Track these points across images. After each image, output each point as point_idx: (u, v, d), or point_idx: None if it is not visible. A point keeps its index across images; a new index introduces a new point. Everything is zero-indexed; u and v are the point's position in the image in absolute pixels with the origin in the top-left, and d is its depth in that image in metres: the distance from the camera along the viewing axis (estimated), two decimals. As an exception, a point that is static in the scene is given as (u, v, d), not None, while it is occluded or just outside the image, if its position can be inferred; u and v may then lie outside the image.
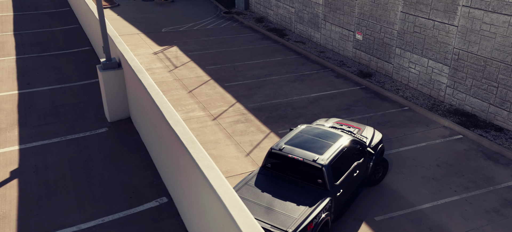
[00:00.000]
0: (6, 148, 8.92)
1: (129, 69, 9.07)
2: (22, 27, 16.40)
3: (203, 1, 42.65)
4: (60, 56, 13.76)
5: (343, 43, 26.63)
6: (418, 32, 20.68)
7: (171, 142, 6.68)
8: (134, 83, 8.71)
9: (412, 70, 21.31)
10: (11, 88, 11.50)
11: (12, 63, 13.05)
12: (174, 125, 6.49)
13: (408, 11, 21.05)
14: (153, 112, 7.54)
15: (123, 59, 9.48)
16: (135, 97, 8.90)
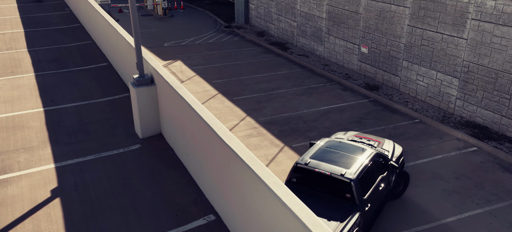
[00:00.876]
0: (42, 166, 8.88)
1: (164, 85, 9.09)
2: (36, 44, 16.37)
3: (202, 15, 42.78)
4: (79, 72, 13.74)
5: (348, 56, 26.82)
6: (425, 45, 20.90)
7: (223, 158, 6.69)
8: (171, 99, 8.73)
9: (420, 82, 21.50)
10: (35, 105, 11.45)
11: (32, 80, 13.01)
12: (229, 141, 6.51)
13: (415, 25, 21.29)
14: (197, 129, 7.55)
15: (156, 75, 9.51)
16: (171, 113, 8.91)
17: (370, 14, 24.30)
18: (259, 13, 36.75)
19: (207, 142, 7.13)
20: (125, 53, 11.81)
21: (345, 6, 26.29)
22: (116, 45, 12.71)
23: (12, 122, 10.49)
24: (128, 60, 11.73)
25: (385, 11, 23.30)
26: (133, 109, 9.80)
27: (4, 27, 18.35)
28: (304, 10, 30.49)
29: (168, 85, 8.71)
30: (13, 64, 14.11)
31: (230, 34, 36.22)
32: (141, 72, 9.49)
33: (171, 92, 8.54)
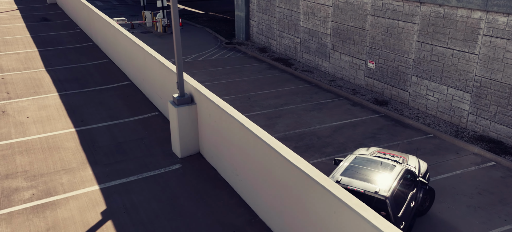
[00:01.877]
0: (86, 188, 8.84)
1: (207, 104, 9.11)
2: (52, 63, 16.32)
3: (201, 32, 42.92)
4: (102, 91, 13.72)
5: (354, 71, 27.03)
6: (435, 61, 21.15)
7: (287, 179, 6.70)
8: (217, 118, 8.74)
9: (430, 97, 21.71)
10: (66, 125, 11.40)
11: (56, 100, 12.96)
12: (296, 161, 6.54)
13: (425, 41, 21.55)
14: (252, 148, 7.57)
15: (196, 94, 9.53)
16: (216, 132, 8.92)
17: (377, 30, 24.56)
18: (260, 30, 36.96)
19: (265, 162, 7.14)
20: (155, 72, 11.83)
21: (350, 23, 26.55)
22: (143, 64, 12.72)
23: (46, 143, 10.43)
24: (157, 79, 11.74)
25: (392, 27, 23.56)
26: (172, 129, 9.80)
27: (18, 47, 18.27)
28: (307, 26, 30.73)
29: (213, 104, 8.73)
30: (35, 84, 14.05)
31: (232, 51, 36.35)
32: (181, 92, 9.51)
33: (217, 111, 8.56)
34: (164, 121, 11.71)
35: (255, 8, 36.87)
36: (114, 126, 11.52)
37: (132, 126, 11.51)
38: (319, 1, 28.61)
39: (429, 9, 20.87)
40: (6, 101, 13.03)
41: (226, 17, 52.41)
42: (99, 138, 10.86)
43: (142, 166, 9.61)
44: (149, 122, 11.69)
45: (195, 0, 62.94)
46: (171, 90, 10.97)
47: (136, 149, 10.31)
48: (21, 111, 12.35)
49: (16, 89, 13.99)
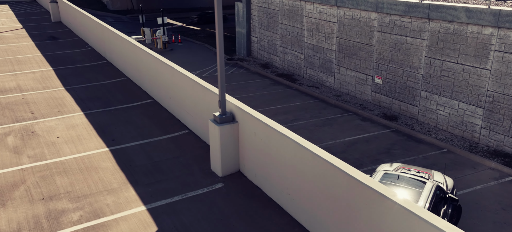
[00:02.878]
0: (133, 209, 8.80)
1: (252, 122, 9.13)
2: (70, 82, 16.27)
3: (201, 48, 43.03)
4: (127, 110, 13.70)
5: (361, 87, 27.23)
6: (446, 76, 21.40)
7: (354, 199, 6.71)
8: (264, 136, 8.77)
9: (440, 112, 21.93)
10: (98, 145, 11.36)
11: (83, 119, 12.91)
12: (366, 181, 6.57)
13: (434, 56, 21.81)
14: (309, 167, 7.61)
15: (238, 112, 9.57)
16: (262, 151, 8.93)
17: (384, 46, 24.81)
18: (262, 46, 37.14)
19: (327, 181, 7.17)
20: (185, 90, 11.86)
21: (357, 39, 26.80)
22: (170, 81, 12.74)
23: (82, 163, 10.38)
24: (188, 97, 11.77)
25: (400, 43, 23.83)
26: (213, 147, 9.81)
27: (32, 66, 18.20)
28: (312, 42, 30.96)
29: (259, 123, 8.77)
30: (57, 104, 14.00)
31: (234, 67, 36.45)
32: (223, 110, 9.55)
33: (265, 130, 8.59)
34: (196, 139, 11.72)
35: (256, 25, 37.09)
36: (146, 144, 11.50)
37: (164, 144, 11.50)
38: (323, 18, 28.87)
39: (438, 25, 21.17)
40: (33, 121, 12.95)
41: (225, 33, 52.56)
42: (134, 157, 10.83)
43: (183, 185, 9.59)
44: (180, 140, 11.69)
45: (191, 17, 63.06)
46: (204, 108, 11.00)
47: (174, 168, 10.29)
48: (50, 131, 12.29)
49: (39, 108, 13.91)
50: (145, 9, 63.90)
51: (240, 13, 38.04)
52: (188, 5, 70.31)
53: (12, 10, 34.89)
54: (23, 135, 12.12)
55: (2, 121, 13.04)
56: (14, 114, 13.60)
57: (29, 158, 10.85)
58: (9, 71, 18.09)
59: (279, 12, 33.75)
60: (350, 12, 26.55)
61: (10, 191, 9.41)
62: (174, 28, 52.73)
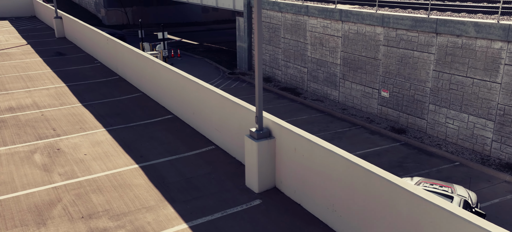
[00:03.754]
0: (176, 227, 8.76)
1: (292, 137, 9.17)
2: (86, 98, 16.22)
3: (201, 62, 43.09)
4: (149, 126, 13.68)
5: (366, 100, 27.38)
6: (454, 89, 21.61)
7: (420, 217, 6.66)
8: (305, 152, 8.80)
9: (450, 125, 22.10)
10: (127, 162, 11.32)
11: (106, 136, 12.87)
12: (431, 198, 6.57)
13: (442, 70, 22.04)
14: (360, 183, 7.63)
15: (275, 127, 9.61)
16: (305, 166, 8.96)
17: (390, 60, 25.02)
18: (263, 60, 37.26)
19: (383, 198, 7.18)
20: (212, 105, 11.88)
21: (362, 53, 27.00)
22: (195, 97, 12.75)
23: (115, 180, 10.33)
24: (216, 112, 11.79)
25: (407, 57, 24.05)
26: (249, 163, 9.82)
27: (44, 82, 18.12)
28: (315, 56, 31.13)
29: (301, 138, 8.80)
30: (78, 120, 13.94)
31: (237, 81, 36.52)
32: (260, 126, 9.57)
33: (308, 146, 8.62)
34: (224, 154, 11.72)
35: (258, 39, 37.16)
36: (175, 161, 11.48)
37: (193, 160, 11.48)
38: (327, 32, 29.08)
39: (446, 39, 21.41)
40: (56, 138, 12.87)
41: (221, 47, 52.75)
42: (166, 173, 10.81)
43: (221, 202, 9.58)
44: (209, 156, 11.68)
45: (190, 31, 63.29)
46: (234, 123, 11.03)
47: (208, 184, 10.28)
48: (75, 148, 12.22)
49: (61, 125, 13.84)
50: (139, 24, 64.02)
51: (241, 28, 38.20)
52: (183, 19, 70.54)
53: (13, 26, 34.74)
54: (50, 152, 12.03)
55: (25, 138, 12.94)
56: (36, 131, 13.51)
57: (60, 175, 10.77)
58: (22, 88, 17.99)
59: (281, 27, 33.94)
60: (355, 26, 26.78)
61: (48, 209, 9.33)
62: (173, 43, 52.79)
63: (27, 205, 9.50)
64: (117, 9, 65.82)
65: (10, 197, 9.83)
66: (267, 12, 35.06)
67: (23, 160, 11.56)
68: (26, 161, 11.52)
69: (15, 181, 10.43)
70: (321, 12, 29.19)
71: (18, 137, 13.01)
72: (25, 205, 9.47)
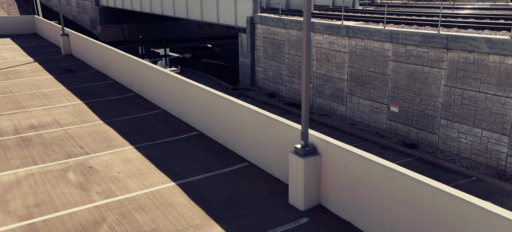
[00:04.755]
0: (227, 245, 8.67)
1: (342, 154, 9.16)
2: (107, 116, 16.10)
3: (202, 78, 43.05)
4: (176, 143, 13.59)
5: (375, 115, 27.49)
6: (467, 104, 21.78)
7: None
8: (357, 169, 8.79)
9: (462, 140, 22.23)
10: (163, 179, 11.22)
11: (136, 153, 12.76)
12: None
13: (454, 85, 22.22)
14: (426, 202, 7.57)
15: (321, 143, 9.59)
16: (356, 184, 8.94)
17: (399, 75, 25.19)
18: (267, 76, 37.34)
19: (454, 219, 7.08)
20: (245, 122, 11.85)
21: (370, 68, 27.16)
22: (224, 114, 12.72)
23: (155, 198, 10.23)
24: (249, 129, 11.75)
25: (417, 72, 24.23)
26: (295, 180, 9.77)
27: (60, 100, 17.96)
28: (321, 72, 31.26)
29: (352, 155, 8.79)
30: (103, 138, 13.82)
31: (240, 96, 36.50)
32: (306, 142, 9.55)
33: (362, 163, 8.60)
34: (260, 171, 11.67)
35: (261, 55, 37.34)
36: (211, 178, 11.40)
37: (229, 177, 11.41)
38: (334, 48, 29.24)
39: (458, 55, 21.63)
40: (86, 156, 12.74)
41: (221, 63, 52.84)
42: (205, 191, 10.72)
43: (268, 220, 9.51)
44: (245, 173, 11.62)
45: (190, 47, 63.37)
46: (271, 140, 11.01)
47: (250, 201, 10.20)
48: (107, 166, 12.09)
49: (87, 143, 13.70)
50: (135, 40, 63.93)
51: (244, 44, 38.31)
52: (179, 35, 70.62)
53: (16, 43, 34.50)
54: (82, 171, 11.89)
55: (55, 157, 12.78)
56: (64, 149, 13.36)
57: (99, 194, 10.63)
58: (39, 105, 17.82)
59: (285, 43, 34.08)
60: (362, 42, 26.96)
61: (94, 229, 9.19)
62: (172, 59, 52.75)
63: (72, 224, 9.35)
64: (114, 26, 65.74)
65: (53, 216, 9.68)
66: (271, 29, 35.22)
67: (57, 178, 11.41)
68: (61, 179, 11.36)
69: (55, 200, 10.28)
70: (327, 29, 29.38)
71: (47, 156, 12.85)
72: (71, 225, 9.32)
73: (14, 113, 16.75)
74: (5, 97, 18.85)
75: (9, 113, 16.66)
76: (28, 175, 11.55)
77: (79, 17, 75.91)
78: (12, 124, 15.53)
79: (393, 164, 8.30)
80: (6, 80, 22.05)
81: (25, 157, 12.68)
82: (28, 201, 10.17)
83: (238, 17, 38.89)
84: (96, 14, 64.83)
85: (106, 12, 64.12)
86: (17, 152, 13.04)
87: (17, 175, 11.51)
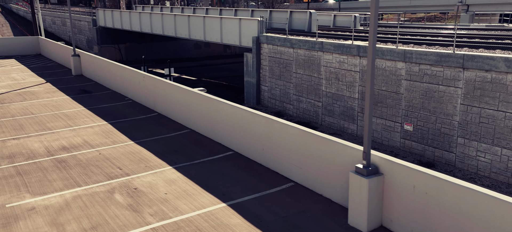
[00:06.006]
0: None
1: (409, 174, 9.13)
2: (136, 136, 15.95)
3: (209, 98, 42.90)
4: (214, 162, 13.49)
5: (388, 134, 27.59)
6: (485, 123, 21.97)
7: None
8: (429, 190, 8.75)
9: (481, 159, 22.37)
10: (212, 201, 11.09)
11: (177, 174, 12.63)
12: None
13: (471, 104, 22.43)
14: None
15: (384, 163, 9.58)
16: (428, 205, 8.85)
17: (413, 94, 25.38)
18: (273, 95, 37.42)
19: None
20: (289, 141, 11.82)
21: (382, 87, 27.35)
22: (265, 133, 12.68)
23: (210, 220, 10.11)
24: (295, 148, 11.73)
25: (431, 91, 24.44)
26: (356, 201, 9.72)
27: (84, 121, 17.79)
28: (331, 91, 31.40)
29: (422, 175, 8.75)
30: (139, 158, 13.68)
31: (248, 116, 36.34)
32: (368, 162, 9.54)
33: (433, 183, 8.55)
34: (308, 191, 11.62)
35: (267, 74, 37.45)
36: (260, 198, 11.32)
37: (279, 198, 11.33)
38: (344, 67, 29.44)
39: (474, 74, 21.87)
40: (127, 177, 12.58)
41: (222, 82, 52.86)
42: (258, 212, 10.63)
43: (331, 241, 9.42)
44: (293, 194, 11.55)
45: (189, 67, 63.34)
46: (322, 159, 11.01)
47: (307, 223, 10.13)
48: (152, 187, 11.96)
49: (124, 164, 13.56)
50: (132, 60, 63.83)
51: (249, 63, 38.42)
52: (176, 55, 70.64)
53: (23, 64, 34.22)
54: (129, 192, 11.74)
55: (96, 178, 12.61)
56: (103, 171, 13.19)
57: (152, 216, 10.49)
58: (65, 126, 17.63)
59: (293, 62, 34.24)
60: (377, 61, 27.13)
61: (159, 252, 9.02)
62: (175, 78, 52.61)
63: (136, 248, 9.18)
64: (111, 46, 65.58)
65: (114, 240, 9.49)
66: (278, 48, 35.40)
67: (105, 200, 11.24)
68: (109, 201, 11.20)
69: (110, 222, 10.11)
70: (337, 48, 29.60)
71: (88, 177, 12.67)
72: (135, 248, 9.15)
73: (41, 134, 16.53)
74: (28, 119, 18.62)
75: (37, 135, 16.44)
76: (75, 197, 11.36)
77: (74, 37, 75.64)
78: (43, 145, 15.32)
79: (472, 184, 8.28)
80: (23, 101, 21.81)
81: (66, 178, 12.48)
82: (83, 224, 9.99)
83: (243, 37, 39.06)
84: (94, 34, 64.69)
85: (103, 32, 64.02)
86: (56, 173, 12.84)
87: (64, 197, 11.32)
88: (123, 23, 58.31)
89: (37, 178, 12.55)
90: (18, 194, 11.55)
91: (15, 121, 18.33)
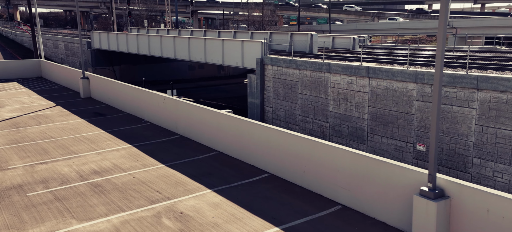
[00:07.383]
0: None
1: (481, 197, 9.05)
2: (165, 159, 15.74)
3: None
4: (253, 185, 13.32)
5: (399, 154, 27.66)
6: (502, 143, 22.14)
7: None
8: (506, 213, 8.64)
9: (499, 179, 22.49)
10: (264, 224, 10.89)
11: (218, 197, 12.43)
12: None
13: (487, 124, 22.62)
14: None
15: (450, 185, 9.52)
16: (506, 230, 8.74)
17: (425, 114, 25.53)
18: (278, 115, 37.40)
19: None
20: (337, 163, 11.73)
21: (393, 108, 27.48)
22: (307, 154, 12.58)
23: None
24: (341, 169, 11.63)
25: (445, 111, 24.62)
26: (422, 225, 9.59)
27: (108, 144, 17.52)
28: (339, 111, 31.47)
29: (497, 198, 8.63)
30: (174, 182, 13.49)
31: (253, 138, 36.21)
32: (434, 185, 9.47)
33: (508, 206, 8.48)
34: (358, 214, 11.52)
35: (271, 95, 37.47)
36: (312, 222, 11.19)
37: (331, 221, 11.21)
38: (352, 88, 29.57)
39: (489, 95, 22.10)
40: (168, 201, 12.37)
41: (220, 104, 52.73)
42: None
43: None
44: (344, 217, 11.43)
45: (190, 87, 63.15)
46: (374, 182, 10.92)
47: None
48: (198, 211, 11.76)
49: (162, 188, 13.34)
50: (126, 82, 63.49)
51: (253, 84, 38.43)
52: (170, 77, 70.46)
53: (26, 87, 33.76)
54: (175, 216, 11.52)
55: (138, 203, 12.36)
56: (143, 195, 12.94)
57: (208, 241, 10.26)
58: (89, 150, 17.33)
59: (299, 83, 34.33)
60: (384, 82, 27.35)
61: (228, 278, 8.81)
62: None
63: (203, 274, 8.94)
64: (105, 68, 65.20)
65: (179, 266, 9.25)
66: (283, 69, 35.50)
67: (155, 225, 11.00)
68: (159, 226, 10.96)
69: (168, 249, 9.85)
70: (345, 69, 29.77)
71: (129, 202, 12.41)
72: (202, 275, 8.91)
73: (68, 158, 16.22)
74: (50, 143, 18.27)
75: (64, 159, 16.12)
76: (122, 222, 11.10)
77: (67, 59, 75.11)
78: (73, 169, 15.01)
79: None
80: (39, 125, 21.43)
81: (107, 203, 12.21)
82: (142, 250, 9.71)
83: (245, 59, 39.14)
84: (88, 57, 64.29)
85: (98, 54, 63.71)
86: (96, 198, 12.56)
87: (111, 223, 11.04)
88: (119, 45, 58.08)
89: (78, 203, 12.25)
90: (63, 220, 11.24)
91: (36, 145, 17.96)
